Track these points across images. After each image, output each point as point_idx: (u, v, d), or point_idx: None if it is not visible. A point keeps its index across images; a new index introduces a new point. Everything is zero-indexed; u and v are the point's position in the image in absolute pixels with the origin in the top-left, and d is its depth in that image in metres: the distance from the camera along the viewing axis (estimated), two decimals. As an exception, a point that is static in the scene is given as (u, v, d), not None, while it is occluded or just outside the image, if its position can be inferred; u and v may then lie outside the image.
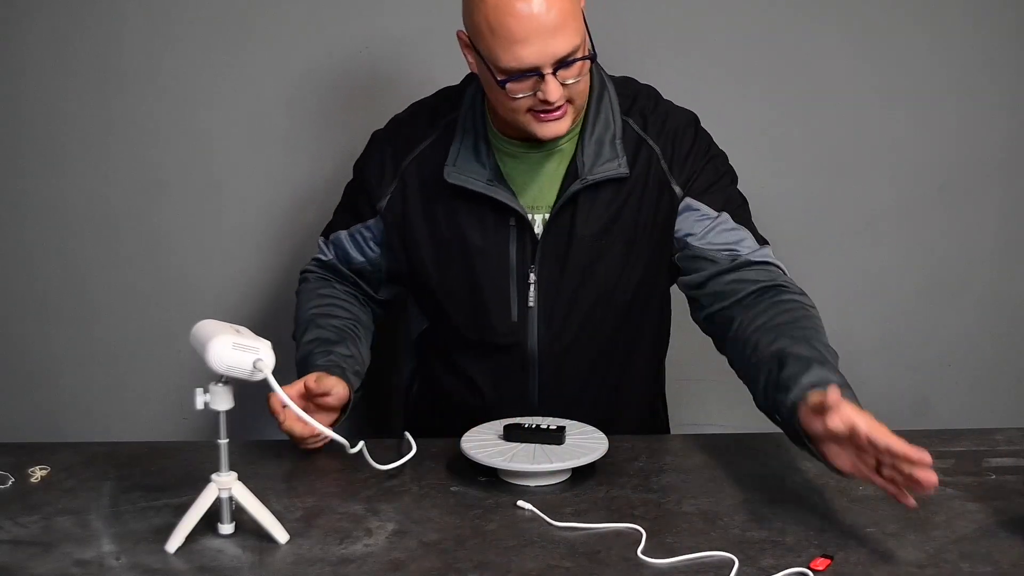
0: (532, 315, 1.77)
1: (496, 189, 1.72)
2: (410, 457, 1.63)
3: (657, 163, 1.74)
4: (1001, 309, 2.41)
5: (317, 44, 2.26)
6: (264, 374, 1.36)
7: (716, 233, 1.73)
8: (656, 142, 1.75)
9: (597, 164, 1.72)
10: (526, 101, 1.63)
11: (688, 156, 1.75)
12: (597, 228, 1.74)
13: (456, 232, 1.76)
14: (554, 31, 1.57)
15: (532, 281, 1.76)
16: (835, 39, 2.29)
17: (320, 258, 1.93)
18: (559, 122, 1.65)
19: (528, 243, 1.75)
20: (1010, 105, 2.33)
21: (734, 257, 1.71)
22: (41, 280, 2.35)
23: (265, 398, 1.49)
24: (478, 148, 1.74)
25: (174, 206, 2.32)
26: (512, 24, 1.56)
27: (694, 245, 1.73)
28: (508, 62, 1.59)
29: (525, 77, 1.61)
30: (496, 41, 1.59)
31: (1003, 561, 1.35)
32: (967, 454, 1.69)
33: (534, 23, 1.56)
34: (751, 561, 1.35)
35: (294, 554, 1.38)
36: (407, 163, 1.80)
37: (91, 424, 2.34)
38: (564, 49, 1.58)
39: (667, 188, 1.75)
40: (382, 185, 1.81)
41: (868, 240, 2.37)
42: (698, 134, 1.79)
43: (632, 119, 1.76)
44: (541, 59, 1.58)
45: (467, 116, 1.77)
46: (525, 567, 1.34)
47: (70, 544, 1.41)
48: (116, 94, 2.27)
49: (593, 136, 1.73)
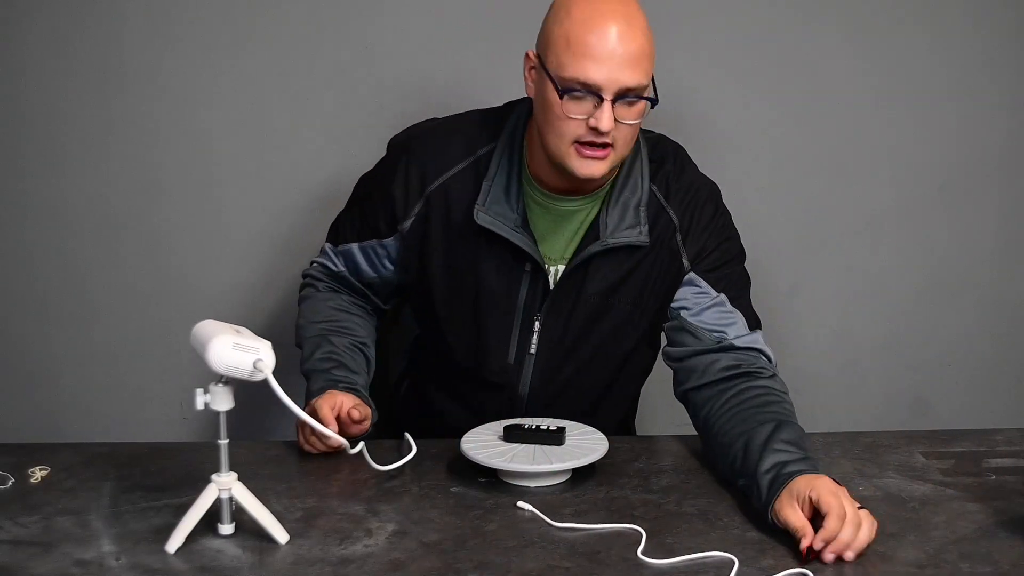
0: (529, 361, 1.79)
1: (521, 236, 1.72)
2: (410, 458, 1.63)
3: (673, 234, 1.75)
4: (1001, 309, 2.41)
5: (317, 44, 2.26)
6: (264, 374, 1.36)
7: (710, 313, 1.74)
8: (675, 213, 1.76)
9: (619, 229, 1.72)
10: (577, 127, 1.61)
11: (703, 233, 1.76)
12: (606, 287, 1.75)
13: (472, 268, 1.76)
14: (628, 62, 1.58)
15: (536, 329, 1.77)
16: (835, 39, 2.29)
17: (328, 267, 1.89)
18: (599, 162, 1.63)
19: (540, 291, 1.76)
20: (1010, 105, 2.33)
21: (720, 339, 1.71)
22: (41, 280, 2.34)
23: (266, 398, 1.48)
24: (509, 190, 1.73)
25: (174, 206, 2.31)
26: (592, 41, 1.57)
27: (685, 319, 1.74)
28: (574, 73, 1.58)
29: (585, 96, 1.59)
30: (570, 54, 1.58)
31: (1003, 561, 1.36)
32: (967, 454, 1.69)
33: (613, 46, 1.57)
34: (751, 561, 1.35)
35: (294, 554, 1.38)
36: (434, 188, 1.76)
37: (91, 424, 2.33)
38: (632, 81, 1.59)
39: (677, 259, 1.76)
40: (407, 206, 1.78)
41: (868, 240, 2.37)
42: (717, 211, 1.79)
43: (656, 185, 1.76)
44: (607, 81, 1.57)
45: (504, 152, 1.75)
46: (525, 567, 1.35)
47: (70, 544, 1.41)
48: (116, 94, 2.27)
49: (620, 199, 1.73)
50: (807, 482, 1.43)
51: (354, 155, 2.28)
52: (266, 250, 2.34)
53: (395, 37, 2.26)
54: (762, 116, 2.31)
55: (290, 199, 2.32)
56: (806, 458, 1.50)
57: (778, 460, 1.49)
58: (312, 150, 2.30)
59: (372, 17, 2.26)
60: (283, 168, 2.31)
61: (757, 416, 1.59)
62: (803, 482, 1.43)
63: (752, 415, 1.60)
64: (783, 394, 1.67)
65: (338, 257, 1.88)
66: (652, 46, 1.63)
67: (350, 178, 2.26)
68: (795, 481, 1.44)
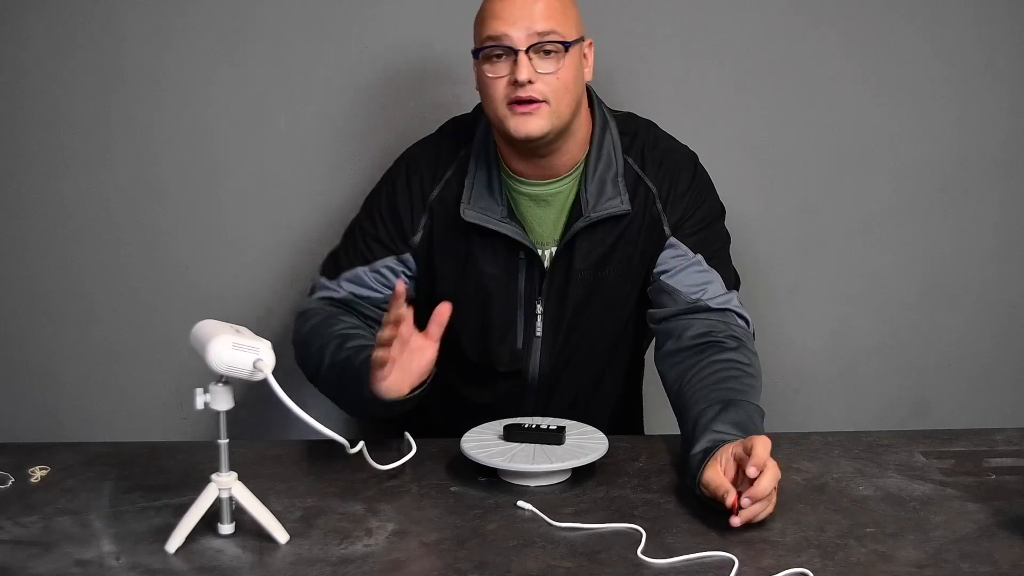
0: (537, 344, 1.83)
1: (510, 226, 1.77)
2: (410, 457, 1.63)
3: (653, 203, 1.80)
4: (1001, 309, 2.41)
5: (317, 44, 2.26)
6: (264, 374, 1.36)
7: (687, 273, 1.78)
8: (653, 182, 1.80)
9: (600, 202, 1.77)
10: (501, 86, 1.69)
11: (682, 198, 1.81)
12: (594, 261, 1.80)
13: (473, 266, 1.81)
14: (536, 14, 1.67)
15: (539, 312, 1.82)
16: (835, 39, 2.29)
17: (331, 297, 1.83)
18: (533, 118, 1.69)
19: (536, 276, 1.81)
20: (1010, 105, 2.33)
21: (695, 300, 1.75)
22: (41, 280, 2.34)
23: (266, 398, 1.48)
24: (491, 184, 1.78)
25: (174, 206, 2.31)
26: (498, 4, 1.69)
27: (664, 281, 1.78)
28: (485, 32, 1.69)
29: (501, 53, 1.67)
30: (481, 20, 1.71)
31: (1003, 561, 1.36)
32: (967, 454, 1.69)
33: (519, 2, 1.68)
34: (751, 561, 1.35)
35: (294, 554, 1.39)
36: (434, 196, 1.81)
37: (91, 424, 2.33)
38: (541, 26, 1.67)
39: (659, 226, 1.80)
40: (414, 220, 1.82)
41: (868, 240, 2.37)
42: (695, 175, 1.83)
43: (631, 157, 1.81)
44: (514, 30, 1.67)
45: (479, 150, 1.80)
46: (525, 567, 1.35)
47: (70, 544, 1.41)
48: (116, 94, 2.27)
49: (596, 174, 1.78)
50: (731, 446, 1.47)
51: (354, 155, 2.29)
52: (266, 250, 2.33)
53: (395, 37, 2.26)
54: (762, 116, 2.31)
55: (290, 199, 2.32)
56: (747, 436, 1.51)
57: (714, 439, 1.51)
58: (312, 150, 2.30)
59: (372, 17, 2.26)
60: (283, 168, 2.31)
61: (711, 394, 1.61)
62: (727, 447, 1.47)
63: (706, 393, 1.62)
64: (746, 367, 1.68)
65: (340, 285, 1.83)
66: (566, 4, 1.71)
67: (350, 178, 2.27)
68: (721, 449, 1.47)
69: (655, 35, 2.28)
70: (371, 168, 2.25)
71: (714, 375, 1.65)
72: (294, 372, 1.72)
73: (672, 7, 2.28)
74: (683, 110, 2.28)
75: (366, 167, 2.26)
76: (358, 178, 2.27)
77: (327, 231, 2.29)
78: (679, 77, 2.29)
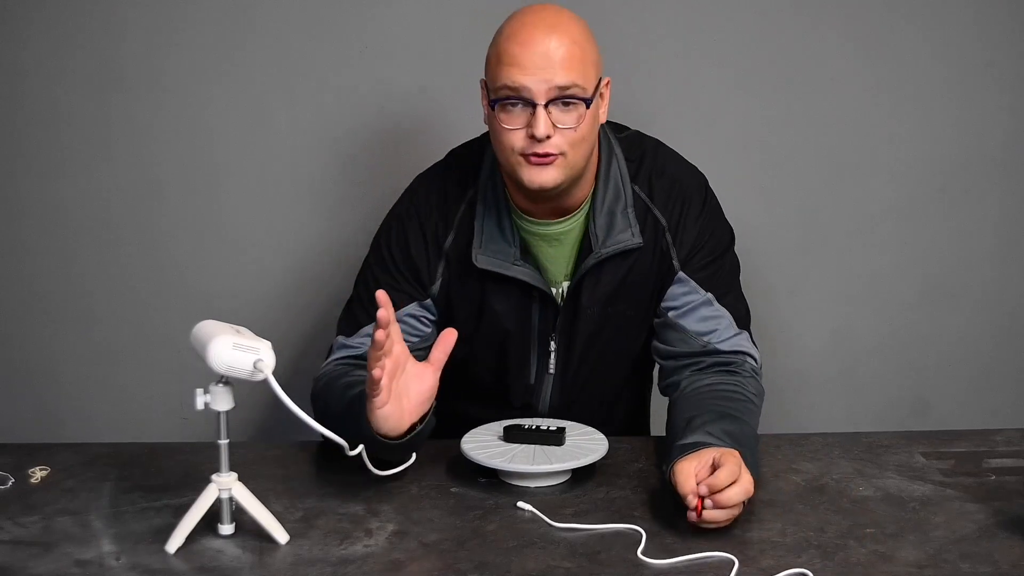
0: (549, 380, 1.81)
1: (522, 269, 1.72)
2: (409, 464, 1.59)
3: (663, 234, 1.75)
4: (1001, 310, 2.41)
5: (317, 44, 2.26)
6: (264, 374, 1.36)
7: (697, 315, 1.74)
8: (663, 212, 1.75)
9: (611, 236, 1.72)
10: (516, 138, 1.61)
11: (691, 229, 1.75)
12: (606, 297, 1.75)
13: (489, 308, 1.76)
14: (556, 63, 1.58)
15: (552, 349, 1.79)
16: (835, 39, 2.29)
17: (352, 354, 1.72)
18: (547, 169, 1.61)
19: (550, 314, 1.77)
20: (1010, 105, 2.33)
21: (705, 344, 1.73)
22: (41, 280, 2.34)
23: (266, 398, 1.48)
24: (502, 225, 1.72)
25: (174, 206, 2.31)
26: (517, 49, 1.59)
27: (672, 319, 1.75)
28: (504, 81, 1.59)
29: (518, 104, 1.59)
30: (500, 66, 1.60)
31: (1003, 561, 1.35)
32: (967, 454, 1.68)
33: (538, 50, 1.58)
34: (751, 561, 1.35)
35: (294, 555, 1.38)
36: (449, 244, 1.74)
37: (91, 424, 2.33)
38: (562, 80, 1.58)
39: (668, 259, 1.75)
40: (431, 269, 1.75)
41: (868, 240, 2.37)
42: (705, 204, 1.77)
43: (639, 186, 1.75)
44: (535, 83, 1.58)
45: (487, 190, 1.74)
46: (525, 568, 1.35)
47: (70, 544, 1.41)
48: (116, 94, 2.27)
49: (604, 207, 1.72)
50: (717, 450, 1.45)
51: (354, 155, 2.29)
52: (266, 250, 2.34)
53: (395, 37, 2.26)
54: (762, 116, 2.31)
55: (290, 199, 2.32)
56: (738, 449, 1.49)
57: (701, 439, 1.50)
58: (311, 150, 2.30)
59: (372, 17, 2.26)
60: (283, 168, 2.31)
61: (711, 404, 1.60)
62: (713, 450, 1.46)
63: (706, 402, 1.61)
64: (752, 395, 1.67)
65: (360, 340, 1.73)
66: (586, 50, 1.62)
67: (350, 178, 2.27)
68: (705, 450, 1.46)
69: (655, 35, 2.28)
70: (371, 167, 2.26)
71: (719, 389, 1.65)
72: (294, 373, 1.72)
73: (672, 7, 2.28)
74: (683, 110, 2.28)
75: (366, 167, 2.27)
76: (358, 177, 2.27)
77: (327, 231, 2.30)
78: (679, 77, 2.29)
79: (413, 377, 1.50)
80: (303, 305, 2.32)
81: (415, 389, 1.51)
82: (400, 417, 1.49)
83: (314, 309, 2.32)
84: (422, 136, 2.07)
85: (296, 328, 2.28)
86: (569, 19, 1.62)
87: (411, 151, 2.05)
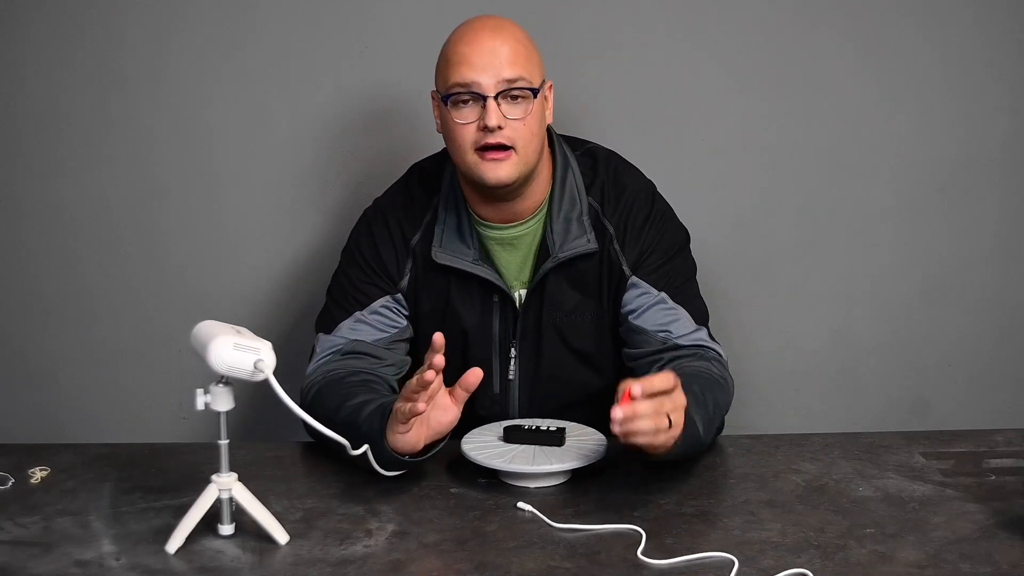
0: (513, 387, 1.84)
1: (482, 268, 1.79)
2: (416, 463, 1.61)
3: (611, 244, 1.81)
4: (1001, 310, 2.41)
5: (317, 44, 2.26)
6: (265, 375, 1.36)
7: (653, 312, 1.78)
8: (611, 222, 1.81)
9: (567, 242, 1.79)
10: (470, 132, 1.71)
11: (639, 235, 1.81)
12: (564, 302, 1.81)
13: (451, 309, 1.82)
14: (502, 57, 1.70)
15: (513, 355, 1.83)
16: (835, 39, 2.29)
17: (336, 350, 1.78)
18: (502, 164, 1.71)
19: (510, 318, 1.82)
20: (1010, 105, 2.32)
21: (665, 339, 1.76)
22: (41, 280, 2.34)
23: (266, 399, 1.47)
24: (461, 228, 1.80)
25: (174, 207, 2.31)
26: (464, 49, 1.71)
27: (632, 322, 1.79)
28: (454, 79, 1.70)
29: (469, 98, 1.70)
30: (449, 66, 1.72)
31: (1003, 561, 1.36)
32: (967, 455, 1.69)
33: (484, 46, 1.70)
34: (751, 562, 1.35)
35: (294, 555, 1.39)
36: (416, 241, 1.82)
37: (91, 425, 2.33)
38: (509, 73, 1.69)
39: (618, 267, 1.81)
40: (399, 265, 1.82)
41: (868, 240, 2.37)
42: (652, 211, 1.83)
43: (593, 197, 1.82)
44: (483, 76, 1.69)
45: (448, 196, 1.82)
46: (525, 568, 1.35)
47: (70, 544, 1.41)
48: (116, 94, 2.27)
49: (561, 214, 1.80)
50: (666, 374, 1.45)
51: (354, 154, 2.29)
52: (266, 251, 2.33)
53: (395, 37, 2.26)
54: (762, 116, 2.31)
55: (290, 199, 2.32)
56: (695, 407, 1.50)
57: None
58: (311, 150, 2.30)
59: (372, 17, 2.26)
60: (283, 168, 2.31)
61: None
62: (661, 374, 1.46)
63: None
64: (717, 376, 1.68)
65: (341, 335, 1.79)
66: (530, 49, 1.74)
67: (350, 177, 2.26)
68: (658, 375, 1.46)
69: (654, 34, 2.28)
70: (371, 167, 2.26)
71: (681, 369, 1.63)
72: (295, 373, 1.72)
73: (673, 7, 2.28)
74: (683, 110, 2.28)
75: (366, 167, 2.26)
76: (358, 177, 2.27)
77: (327, 231, 2.29)
78: (680, 77, 2.28)
79: (439, 409, 1.57)
80: (303, 305, 2.31)
81: (436, 419, 1.57)
82: (416, 441, 1.55)
83: (314, 309, 2.29)
84: (422, 136, 2.07)
85: (296, 328, 2.28)
86: (512, 24, 1.75)
87: (411, 151, 2.05)
